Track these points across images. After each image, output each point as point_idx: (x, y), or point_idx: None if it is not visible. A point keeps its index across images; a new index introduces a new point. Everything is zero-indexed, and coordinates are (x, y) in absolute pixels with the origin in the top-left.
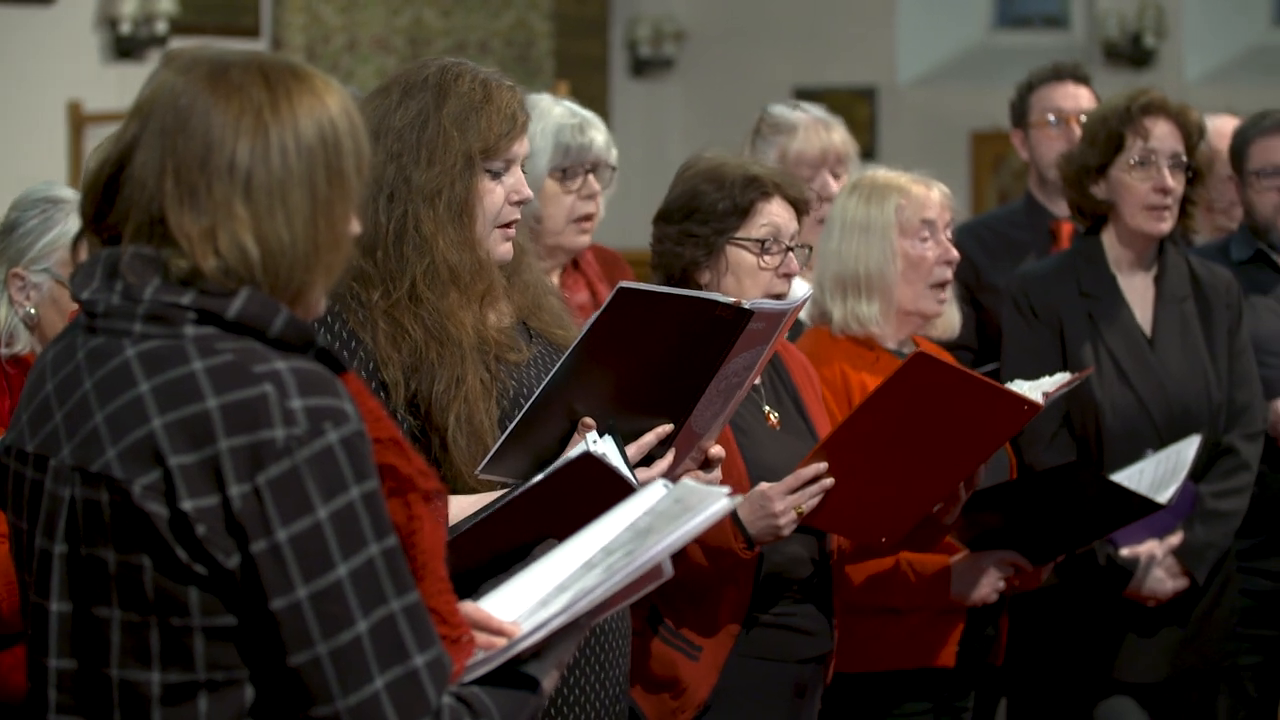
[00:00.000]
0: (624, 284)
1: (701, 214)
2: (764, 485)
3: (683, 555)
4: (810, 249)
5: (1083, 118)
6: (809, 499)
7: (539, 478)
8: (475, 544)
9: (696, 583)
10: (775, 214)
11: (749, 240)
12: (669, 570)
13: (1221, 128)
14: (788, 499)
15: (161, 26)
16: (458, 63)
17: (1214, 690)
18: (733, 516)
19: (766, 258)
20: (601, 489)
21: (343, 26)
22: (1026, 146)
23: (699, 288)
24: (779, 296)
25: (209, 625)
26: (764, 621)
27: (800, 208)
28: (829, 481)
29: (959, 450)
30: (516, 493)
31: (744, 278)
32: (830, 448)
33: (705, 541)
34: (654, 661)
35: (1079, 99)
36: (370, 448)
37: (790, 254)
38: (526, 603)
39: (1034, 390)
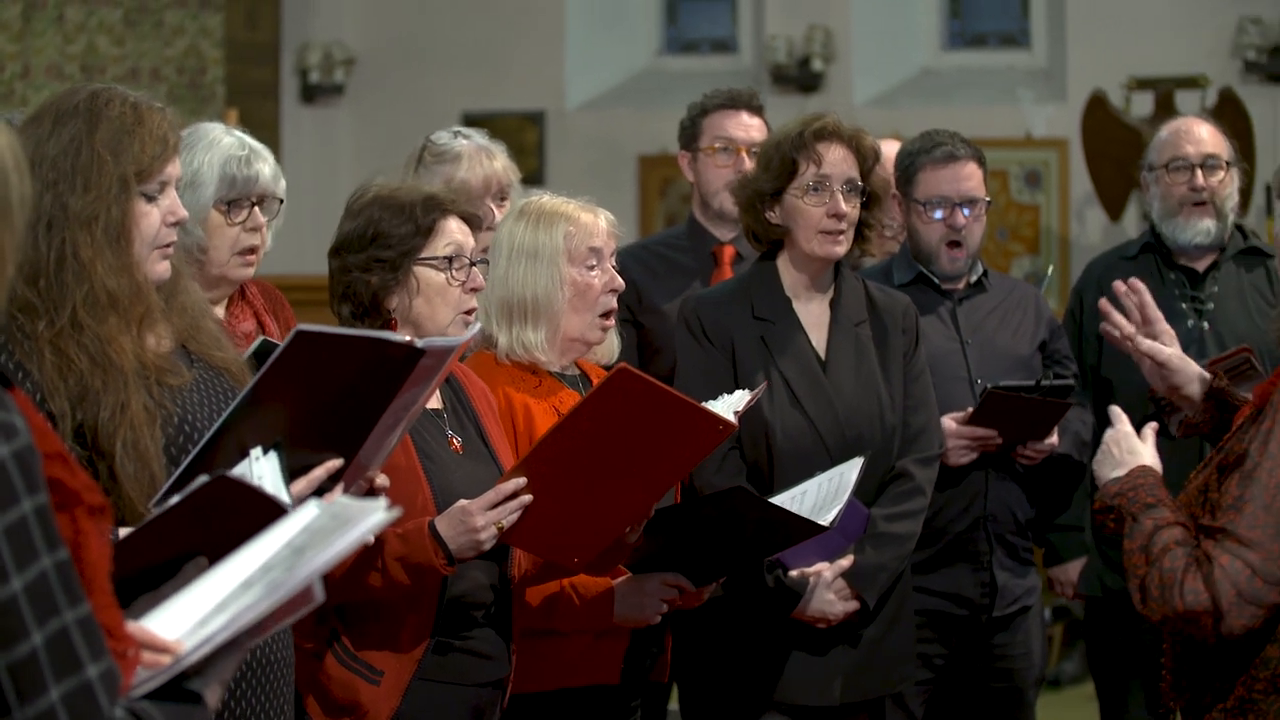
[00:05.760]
0: (302, 327)
1: (385, 239)
2: (464, 501)
3: (384, 574)
4: (489, 263)
5: (754, 150)
6: (509, 514)
7: (176, 499)
8: (121, 561)
9: (392, 603)
10: (456, 231)
11: (435, 259)
12: (320, 595)
13: (890, 152)
14: (488, 514)
15: None
16: (107, 88)
17: (882, 710)
18: (433, 533)
19: (455, 273)
20: (249, 508)
21: (16, 54)
22: (693, 170)
23: (389, 312)
24: (469, 312)
25: None
26: (444, 646)
27: (474, 223)
28: (528, 498)
29: (654, 469)
30: (156, 514)
31: (434, 297)
32: (531, 463)
33: (406, 559)
34: (334, 685)
35: (750, 130)
36: (40, 461)
37: (474, 269)
38: (188, 621)
39: (726, 410)
